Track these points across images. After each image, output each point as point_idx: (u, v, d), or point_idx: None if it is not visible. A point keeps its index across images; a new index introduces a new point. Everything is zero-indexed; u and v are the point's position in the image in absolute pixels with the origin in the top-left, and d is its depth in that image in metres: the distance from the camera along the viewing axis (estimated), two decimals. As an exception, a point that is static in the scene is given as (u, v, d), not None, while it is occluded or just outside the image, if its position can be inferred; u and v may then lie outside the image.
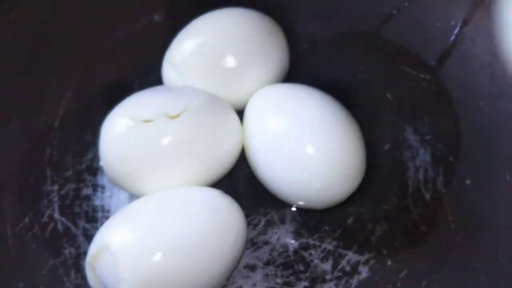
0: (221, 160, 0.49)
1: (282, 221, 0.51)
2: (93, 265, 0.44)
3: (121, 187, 0.49)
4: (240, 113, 0.52)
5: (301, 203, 0.49)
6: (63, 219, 0.50)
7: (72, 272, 0.48)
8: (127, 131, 0.46)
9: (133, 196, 0.50)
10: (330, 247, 0.50)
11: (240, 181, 0.53)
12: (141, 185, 0.47)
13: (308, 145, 0.47)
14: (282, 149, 0.48)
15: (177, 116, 0.47)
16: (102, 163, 0.49)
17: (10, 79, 0.54)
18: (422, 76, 0.58)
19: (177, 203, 0.46)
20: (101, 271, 0.43)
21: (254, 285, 0.49)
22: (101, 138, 0.48)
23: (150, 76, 0.55)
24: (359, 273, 0.49)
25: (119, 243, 0.43)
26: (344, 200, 0.50)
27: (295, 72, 0.56)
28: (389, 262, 0.49)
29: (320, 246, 0.49)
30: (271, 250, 0.50)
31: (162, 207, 0.45)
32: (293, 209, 0.51)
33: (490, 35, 0.55)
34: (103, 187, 0.52)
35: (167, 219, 0.44)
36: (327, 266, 0.49)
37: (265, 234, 0.50)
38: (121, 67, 0.56)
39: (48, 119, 0.55)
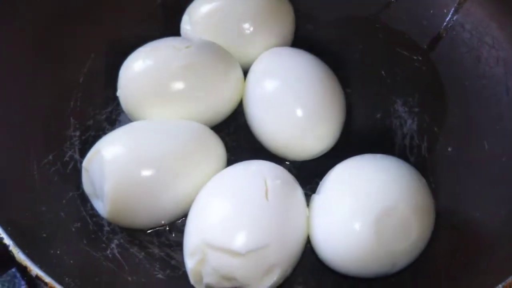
0: (220, 102, 0.56)
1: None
2: (87, 168, 0.50)
3: (133, 117, 0.55)
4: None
5: (279, 152, 0.55)
6: (83, 160, 0.55)
7: (88, 204, 0.53)
8: (140, 60, 0.54)
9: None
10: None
11: (238, 134, 0.59)
12: (148, 113, 0.54)
13: (291, 103, 0.53)
14: (270, 104, 0.54)
15: (185, 47, 0.54)
16: (119, 93, 0.56)
17: (41, 39, 0.59)
18: (414, 57, 0.63)
19: (167, 128, 0.52)
20: (92, 172, 0.50)
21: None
22: (120, 71, 0.55)
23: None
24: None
25: (108, 149, 0.49)
26: (322, 155, 0.55)
27: (300, 48, 0.61)
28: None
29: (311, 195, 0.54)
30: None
31: (153, 129, 0.52)
32: (287, 162, 0.56)
33: (477, 22, 0.61)
34: (120, 135, 0.57)
35: (152, 138, 0.51)
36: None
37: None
38: (143, 32, 0.62)
39: (73, 76, 0.60)
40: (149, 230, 0.52)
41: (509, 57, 0.57)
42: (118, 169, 0.48)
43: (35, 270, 0.42)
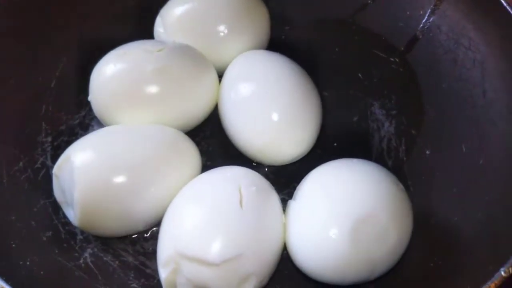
0: (194, 106, 0.55)
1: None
2: (57, 175, 0.49)
3: (105, 122, 0.54)
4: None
5: (256, 157, 0.54)
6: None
7: (61, 212, 0.52)
8: (112, 64, 0.53)
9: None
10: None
11: (214, 138, 0.58)
12: (120, 118, 0.52)
13: (266, 107, 0.52)
14: (245, 108, 0.53)
15: (157, 50, 0.53)
16: (90, 97, 0.54)
17: (12, 43, 0.58)
18: (391, 59, 0.63)
19: (139, 133, 0.51)
20: (62, 179, 0.49)
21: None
22: (92, 75, 0.54)
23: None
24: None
25: (78, 155, 0.48)
26: (299, 159, 0.55)
27: (276, 51, 0.60)
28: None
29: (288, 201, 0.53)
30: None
31: (125, 134, 0.51)
32: (266, 169, 0.56)
33: (453, 24, 0.61)
34: (93, 141, 0.56)
35: (124, 143, 0.50)
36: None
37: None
38: (115, 35, 0.60)
39: (45, 80, 0.59)
40: (123, 237, 0.51)
41: (485, 59, 0.57)
42: (88, 175, 0.47)
43: (0, 283, 0.41)
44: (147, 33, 0.61)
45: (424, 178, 0.55)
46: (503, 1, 0.53)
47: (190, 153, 0.52)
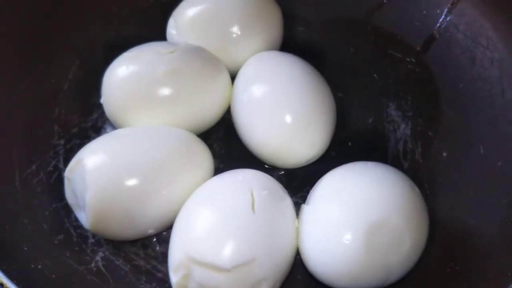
0: (207, 108, 0.54)
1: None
2: (69, 177, 0.49)
3: (117, 125, 0.54)
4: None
5: (268, 160, 0.53)
6: (67, 169, 0.54)
7: (73, 215, 0.51)
8: (124, 66, 0.53)
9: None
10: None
11: (227, 141, 0.57)
12: (132, 120, 0.52)
13: (280, 108, 0.51)
14: (258, 110, 0.52)
15: (169, 52, 0.52)
16: (103, 100, 0.54)
17: (25, 45, 0.58)
18: (407, 59, 0.62)
19: (151, 136, 0.51)
20: (74, 182, 0.48)
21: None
22: (104, 78, 0.54)
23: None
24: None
25: (90, 158, 0.48)
26: (311, 163, 0.54)
27: (289, 52, 0.59)
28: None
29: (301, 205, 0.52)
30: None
31: (137, 136, 0.50)
32: (280, 172, 0.55)
33: (471, 23, 0.59)
34: (105, 143, 0.56)
35: (136, 146, 0.49)
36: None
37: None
38: (128, 37, 0.60)
39: (58, 82, 0.59)
40: (134, 241, 0.51)
41: (504, 58, 0.56)
42: (100, 178, 0.47)
43: (11, 287, 0.41)
44: (159, 35, 0.60)
45: (440, 180, 0.54)
46: (522, -1, 0.52)
47: (203, 156, 0.51)
